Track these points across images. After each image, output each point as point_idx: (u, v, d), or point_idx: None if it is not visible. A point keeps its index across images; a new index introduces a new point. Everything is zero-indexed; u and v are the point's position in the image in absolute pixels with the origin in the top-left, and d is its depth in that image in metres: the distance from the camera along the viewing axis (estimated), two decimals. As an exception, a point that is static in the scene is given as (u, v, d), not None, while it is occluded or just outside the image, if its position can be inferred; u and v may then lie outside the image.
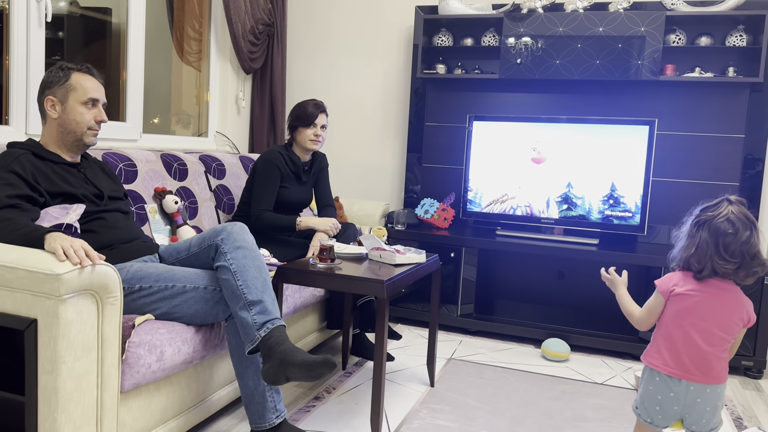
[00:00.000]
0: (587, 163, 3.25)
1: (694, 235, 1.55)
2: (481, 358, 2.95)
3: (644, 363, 1.65)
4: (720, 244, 1.52)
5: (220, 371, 2.09)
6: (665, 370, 1.58)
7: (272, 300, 1.83)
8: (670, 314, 1.60)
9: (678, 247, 1.61)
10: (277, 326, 1.78)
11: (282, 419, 1.95)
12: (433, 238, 3.36)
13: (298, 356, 1.70)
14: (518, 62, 3.35)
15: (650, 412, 1.62)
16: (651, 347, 1.64)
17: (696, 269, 1.55)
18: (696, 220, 1.57)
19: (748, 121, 3.25)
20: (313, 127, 2.72)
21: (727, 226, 1.51)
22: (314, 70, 4.11)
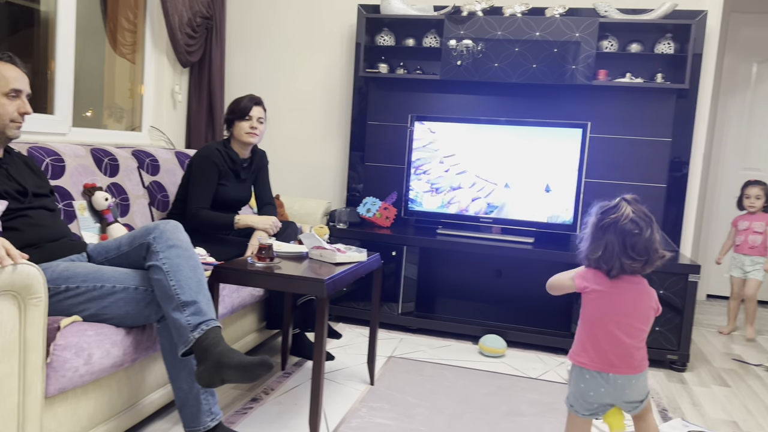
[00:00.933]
0: (524, 164, 3.33)
1: (601, 237, 1.60)
2: (420, 356, 2.97)
3: (571, 361, 1.70)
4: (627, 244, 1.58)
5: (152, 374, 2.03)
6: (593, 366, 1.64)
7: (207, 300, 1.79)
8: (591, 314, 1.66)
9: (585, 247, 1.66)
10: (212, 327, 1.74)
11: (217, 422, 1.91)
12: (375, 237, 3.37)
13: (234, 358, 1.67)
14: (458, 64, 3.40)
15: (586, 406, 1.68)
16: (576, 346, 1.69)
17: (605, 269, 1.62)
18: (600, 223, 1.62)
19: (675, 126, 3.40)
20: (249, 119, 2.67)
21: (632, 226, 1.58)
22: (255, 65, 4.04)
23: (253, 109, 2.69)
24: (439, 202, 3.46)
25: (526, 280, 3.58)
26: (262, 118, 2.73)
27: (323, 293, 1.91)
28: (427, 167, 3.47)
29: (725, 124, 4.73)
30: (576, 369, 1.69)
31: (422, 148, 3.46)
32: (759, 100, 4.67)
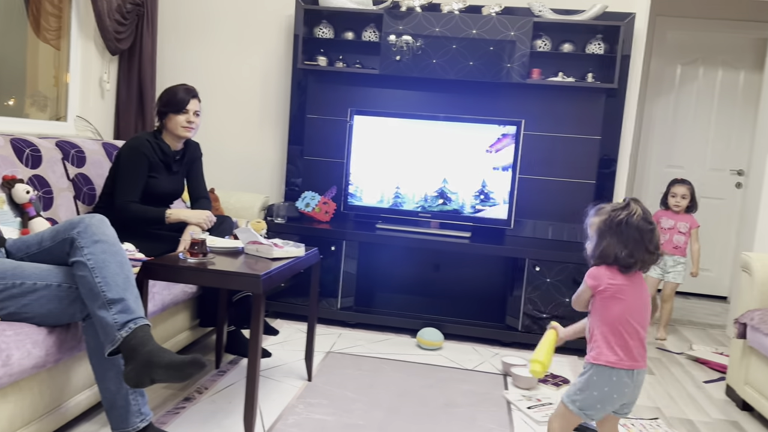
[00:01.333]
0: (461, 160, 3.38)
1: (622, 232, 1.62)
2: (359, 350, 2.97)
3: (598, 363, 1.65)
4: (645, 239, 1.62)
5: (78, 375, 1.94)
6: (623, 365, 1.64)
7: (135, 298, 1.72)
8: (616, 311, 1.65)
9: (598, 244, 1.66)
10: (140, 326, 1.68)
11: (147, 423, 1.84)
12: (314, 232, 3.34)
13: (164, 357, 1.61)
14: (397, 59, 3.41)
15: (603, 410, 1.68)
16: (602, 347, 1.66)
17: (626, 264, 1.63)
18: (615, 220, 1.63)
19: (604, 124, 3.53)
20: (185, 113, 2.59)
21: (646, 223, 1.64)
22: (188, 54, 3.92)
23: (191, 102, 2.61)
24: (378, 197, 3.47)
25: (463, 274, 3.64)
26: (199, 111, 2.65)
27: (259, 289, 1.87)
28: (366, 162, 3.46)
29: (651, 123, 4.95)
30: (601, 371, 1.65)
31: (362, 142, 3.45)
32: (683, 101, 4.91)
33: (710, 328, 4.04)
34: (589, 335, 1.72)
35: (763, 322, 2.44)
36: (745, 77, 4.81)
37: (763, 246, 3.45)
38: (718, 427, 2.44)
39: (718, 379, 3.02)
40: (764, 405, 2.44)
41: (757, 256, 2.69)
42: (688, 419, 2.50)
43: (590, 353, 1.69)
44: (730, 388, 2.76)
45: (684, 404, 2.67)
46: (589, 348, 1.70)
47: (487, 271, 3.63)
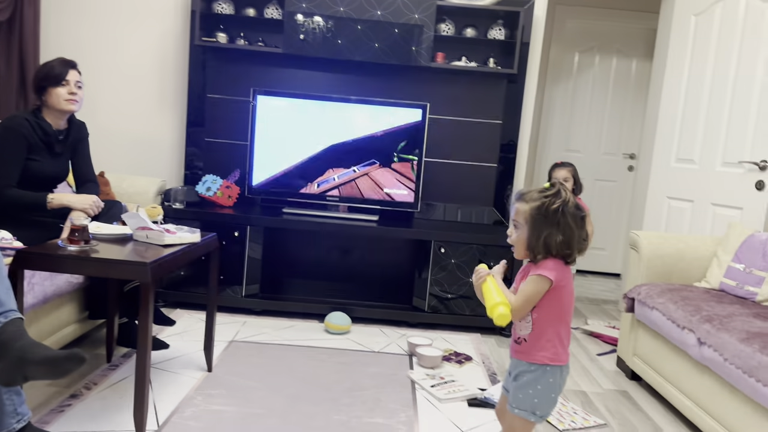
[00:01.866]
0: (368, 143, 3.35)
1: (558, 222, 1.51)
2: (264, 338, 2.90)
3: (556, 364, 1.56)
4: (579, 227, 1.54)
5: (-58, 376, 1.76)
6: (567, 360, 1.59)
7: (6, 290, 1.58)
8: (564, 303, 1.57)
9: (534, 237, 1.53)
10: (12, 320, 1.54)
11: (25, 423, 1.71)
12: (217, 217, 3.22)
13: (39, 352, 1.49)
14: (301, 38, 3.32)
15: (551, 408, 1.60)
16: (557, 346, 1.56)
17: (565, 254, 1.53)
18: (551, 207, 1.51)
19: (505, 109, 3.61)
20: (66, 85, 2.40)
21: (578, 210, 1.54)
22: (76, 28, 3.64)
23: (70, 73, 2.42)
24: (284, 181, 3.39)
25: (371, 257, 3.64)
26: (80, 83, 2.46)
27: (147, 278, 1.77)
28: (271, 144, 3.36)
29: (551, 108, 5.14)
30: (557, 370, 1.57)
31: (266, 123, 3.35)
32: (580, 88, 5.12)
33: (604, 303, 4.27)
34: (531, 332, 1.57)
35: (648, 296, 2.59)
36: (637, 65, 5.08)
37: (651, 225, 3.67)
38: (609, 397, 2.58)
39: (609, 351, 3.20)
40: (650, 375, 2.60)
41: (644, 234, 2.85)
42: (581, 390, 2.63)
43: (541, 353, 1.55)
44: (620, 360, 2.93)
45: (578, 376, 2.80)
46: (537, 347, 1.56)
47: (395, 254, 3.64)
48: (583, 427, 2.25)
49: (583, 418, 2.31)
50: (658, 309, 2.49)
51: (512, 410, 1.59)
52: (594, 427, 2.26)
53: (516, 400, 1.59)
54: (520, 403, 1.57)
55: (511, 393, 1.61)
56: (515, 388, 1.60)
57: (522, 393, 1.57)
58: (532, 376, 1.57)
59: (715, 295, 2.51)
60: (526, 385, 1.57)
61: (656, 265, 2.77)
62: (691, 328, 2.23)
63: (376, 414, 2.19)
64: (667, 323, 2.40)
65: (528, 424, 1.59)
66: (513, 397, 1.60)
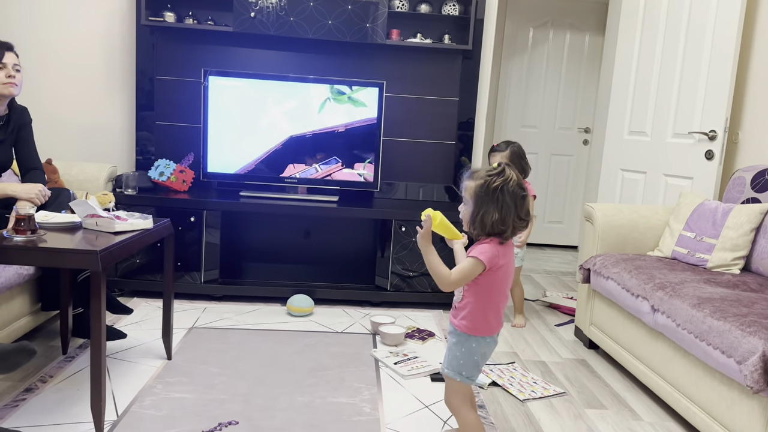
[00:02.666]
0: (324, 123, 3.31)
1: (494, 200, 1.58)
2: (225, 323, 2.87)
3: (471, 335, 1.65)
4: (518, 206, 1.59)
5: None
6: (494, 331, 1.68)
7: (-54, 283, 1.51)
8: (498, 284, 1.64)
9: (472, 212, 1.61)
10: (-46, 314, 1.48)
11: (-25, 422, 1.65)
12: (171, 203, 3.14)
13: (-16, 346, 1.43)
14: (252, 16, 3.24)
15: (476, 372, 1.70)
16: (477, 320, 1.65)
17: (500, 231, 1.59)
18: (492, 186, 1.58)
19: (462, 86, 3.61)
20: (3, 68, 2.29)
21: (520, 189, 1.60)
22: (13, 6, 3.47)
23: (6, 56, 2.31)
24: (240, 163, 3.32)
25: (332, 239, 3.62)
26: (18, 65, 2.36)
27: (97, 266, 1.71)
28: (225, 126, 3.29)
29: (507, 84, 5.17)
30: (474, 340, 1.66)
31: (219, 105, 3.27)
32: (535, 63, 5.16)
33: (562, 275, 4.36)
34: (461, 301, 1.67)
35: (603, 266, 2.65)
36: (590, 40, 5.15)
37: (605, 197, 3.75)
38: (567, 366, 2.64)
39: (568, 321, 3.27)
40: (607, 342, 2.68)
41: (599, 206, 2.90)
42: (541, 361, 2.68)
43: (463, 322, 1.66)
44: (578, 330, 3.00)
45: (537, 347, 2.86)
46: (461, 316, 1.67)
47: (357, 235, 3.63)
48: (543, 396, 2.30)
49: (543, 388, 2.36)
50: (612, 279, 2.55)
51: (443, 370, 1.74)
52: (554, 395, 2.31)
53: (445, 359, 1.73)
54: (448, 364, 1.72)
55: (445, 353, 1.75)
56: (447, 348, 1.73)
57: (450, 354, 1.71)
58: (456, 340, 1.70)
59: (667, 263, 2.58)
60: (453, 347, 1.70)
61: (611, 236, 2.83)
62: (645, 296, 2.29)
63: (340, 393, 2.19)
64: (622, 292, 2.47)
65: (458, 386, 1.72)
66: (445, 356, 1.74)
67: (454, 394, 1.73)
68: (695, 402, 2.02)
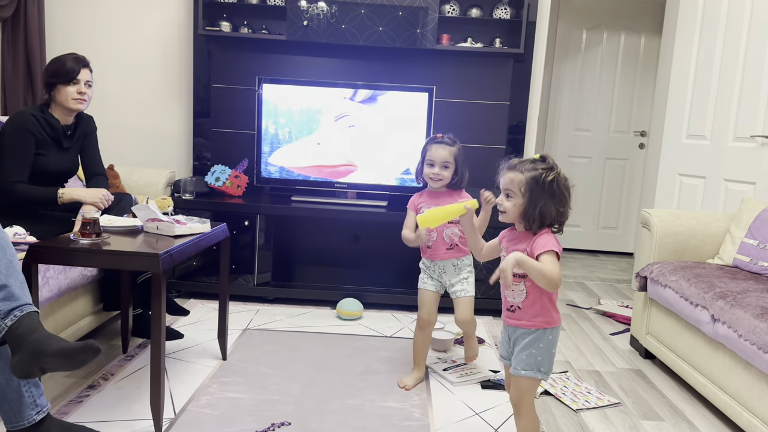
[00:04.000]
0: (375, 128, 3.34)
1: (554, 193, 1.57)
2: (277, 325, 2.92)
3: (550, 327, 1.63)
4: (569, 197, 1.60)
5: (-38, 371, 1.79)
6: (560, 320, 1.68)
7: (21, 284, 1.60)
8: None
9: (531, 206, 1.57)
10: (27, 313, 1.56)
11: (44, 414, 1.73)
12: (226, 207, 3.23)
13: (53, 344, 1.50)
14: (305, 24, 3.30)
15: (552, 365, 1.68)
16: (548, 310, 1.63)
17: (561, 223, 1.60)
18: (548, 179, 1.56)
19: (513, 89, 3.58)
20: (76, 83, 2.40)
21: (567, 181, 1.60)
22: (80, 21, 3.64)
23: (81, 72, 2.42)
24: (292, 168, 3.39)
25: (381, 243, 3.64)
26: (90, 81, 2.47)
27: (158, 268, 1.78)
28: (278, 132, 3.36)
29: (559, 87, 5.08)
30: (550, 332, 1.64)
31: (272, 111, 3.34)
32: (588, 65, 5.06)
33: (617, 283, 4.25)
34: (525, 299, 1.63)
35: (661, 274, 2.58)
36: (646, 41, 5.01)
37: (663, 203, 3.64)
38: (623, 376, 2.58)
39: (623, 330, 3.19)
40: (664, 352, 2.60)
41: (656, 212, 2.82)
42: (595, 370, 2.63)
43: (538, 319, 1.63)
44: (633, 339, 2.92)
45: (591, 356, 2.80)
46: (532, 314, 1.63)
47: (405, 239, 3.63)
48: (597, 406, 2.25)
49: (597, 398, 2.31)
50: (670, 287, 2.47)
51: (518, 372, 1.66)
52: (608, 405, 2.26)
53: (520, 362, 1.66)
54: (525, 364, 1.65)
55: (514, 357, 1.68)
56: (518, 351, 1.67)
57: (525, 354, 1.65)
58: (530, 338, 1.64)
59: (728, 271, 2.49)
60: (528, 346, 1.64)
61: (668, 242, 2.75)
62: (705, 305, 2.21)
63: (389, 398, 2.20)
64: (680, 301, 2.39)
65: (535, 382, 1.67)
66: (516, 360, 1.67)
67: (529, 394, 1.67)
68: (758, 416, 1.94)
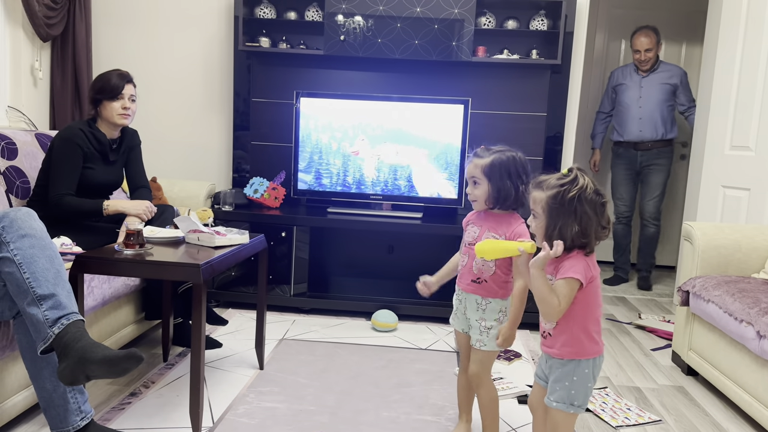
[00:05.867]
0: (410, 140, 3.36)
1: (575, 210, 1.46)
2: (313, 336, 2.95)
3: (587, 359, 1.52)
4: (599, 214, 1.48)
5: (12, 375, 1.86)
6: (602, 349, 1.55)
7: (67, 293, 1.66)
8: (590, 298, 1.52)
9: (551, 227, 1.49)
10: (73, 321, 1.61)
11: (88, 420, 1.79)
12: (264, 218, 3.28)
13: (98, 352, 1.55)
14: (342, 39, 3.35)
15: (588, 399, 1.57)
16: (580, 339, 1.52)
17: (580, 244, 1.48)
18: (567, 196, 1.46)
19: (550, 101, 3.55)
20: (121, 99, 2.49)
21: (598, 196, 1.48)
22: (125, 39, 3.77)
23: (125, 88, 2.51)
24: (328, 181, 3.43)
25: (416, 254, 3.64)
26: (134, 96, 2.56)
27: (199, 279, 1.82)
28: (315, 144, 3.41)
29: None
30: (585, 364, 1.53)
31: (309, 125, 3.40)
32: (627, 76, 4.97)
33: (658, 297, 4.15)
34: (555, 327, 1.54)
35: (704, 289, 2.51)
36: (687, 50, 4.91)
37: (705, 215, 3.55)
38: (664, 393, 2.51)
39: (664, 346, 3.11)
40: (707, 369, 2.52)
41: (698, 225, 2.76)
42: (636, 387, 2.57)
43: (566, 349, 1.52)
44: (675, 355, 2.85)
45: (632, 372, 2.73)
46: (560, 343, 1.53)
47: (440, 251, 3.60)
48: (638, 423, 2.20)
49: (637, 414, 2.26)
50: (714, 302, 2.41)
51: (550, 404, 1.58)
52: (649, 423, 2.21)
53: (553, 392, 1.57)
54: (558, 396, 1.55)
55: (549, 385, 1.59)
56: (552, 381, 1.58)
57: (558, 386, 1.55)
58: (565, 369, 1.54)
59: (775, 286, 2.41)
60: (561, 378, 1.54)
61: (711, 256, 2.68)
62: (750, 321, 2.15)
63: (424, 411, 2.19)
64: (724, 316, 2.32)
65: (569, 417, 1.56)
66: (551, 390, 1.58)
67: (562, 427, 1.57)
68: (809, 438, 1.87)
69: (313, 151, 3.41)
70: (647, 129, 4.11)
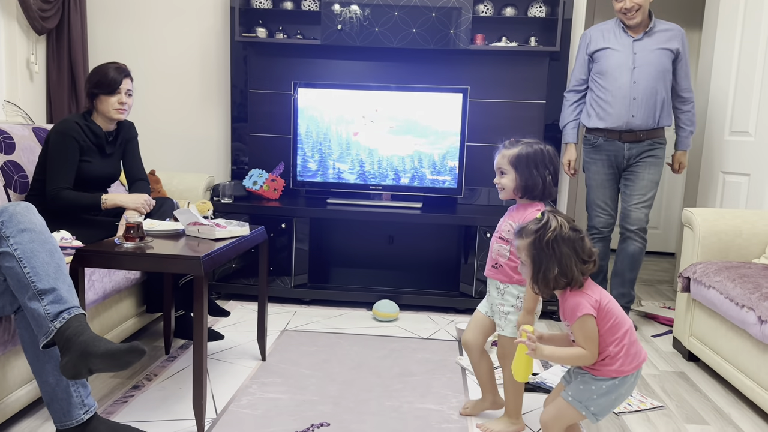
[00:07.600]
0: (408, 129, 3.35)
1: (554, 252, 1.51)
2: (315, 327, 2.95)
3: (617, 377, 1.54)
4: (578, 250, 1.52)
5: (14, 370, 1.86)
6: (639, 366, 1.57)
7: (68, 287, 1.65)
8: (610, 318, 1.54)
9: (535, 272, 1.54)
10: (74, 315, 1.61)
11: (92, 414, 1.79)
12: (264, 210, 3.28)
13: (101, 346, 1.55)
14: (339, 28, 3.33)
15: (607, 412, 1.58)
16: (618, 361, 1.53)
17: (564, 285, 1.53)
18: (545, 239, 1.51)
19: (549, 88, 3.54)
20: (117, 94, 2.47)
21: (575, 232, 1.53)
22: (120, 31, 3.75)
23: (123, 82, 2.49)
24: (327, 171, 3.42)
25: (417, 244, 3.64)
26: (131, 91, 2.54)
27: (200, 271, 1.82)
28: (313, 135, 3.40)
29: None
30: (624, 380, 1.55)
31: (308, 115, 3.38)
32: (625, 63, 4.95)
33: (659, 284, 4.16)
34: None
35: (704, 275, 2.51)
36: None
37: (705, 201, 3.54)
38: (666, 379, 2.52)
39: (665, 332, 3.12)
40: (708, 355, 2.53)
41: (698, 211, 2.75)
42: (636, 373, 2.57)
43: (606, 368, 1.54)
44: (676, 341, 2.85)
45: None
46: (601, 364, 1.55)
47: (441, 241, 3.63)
48: (640, 409, 2.20)
49: (639, 401, 2.26)
50: (715, 288, 2.41)
51: (566, 397, 1.58)
52: (651, 409, 2.21)
53: (576, 391, 1.57)
54: (578, 394, 1.56)
55: (573, 383, 1.59)
56: (580, 381, 1.58)
57: (584, 386, 1.56)
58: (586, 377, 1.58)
59: (776, 271, 2.41)
60: (584, 382, 1.57)
61: (712, 242, 2.68)
62: (751, 306, 2.15)
63: (427, 400, 2.20)
64: (725, 302, 2.33)
65: (571, 414, 1.58)
66: (574, 387, 1.58)
67: (563, 420, 1.60)
68: (811, 422, 1.87)
69: (312, 142, 3.40)
70: (641, 113, 2.91)
